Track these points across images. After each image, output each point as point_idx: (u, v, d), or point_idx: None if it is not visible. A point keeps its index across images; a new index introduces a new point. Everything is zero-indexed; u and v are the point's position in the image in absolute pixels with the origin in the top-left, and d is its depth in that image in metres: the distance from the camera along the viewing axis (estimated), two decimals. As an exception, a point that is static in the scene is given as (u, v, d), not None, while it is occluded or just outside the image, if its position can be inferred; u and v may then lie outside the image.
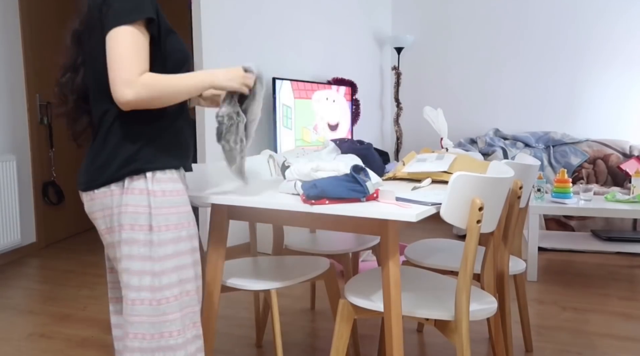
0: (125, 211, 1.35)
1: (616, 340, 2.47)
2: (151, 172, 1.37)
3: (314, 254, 2.32)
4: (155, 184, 1.37)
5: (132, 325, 1.37)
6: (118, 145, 1.36)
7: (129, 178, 1.35)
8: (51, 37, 4.29)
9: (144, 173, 1.36)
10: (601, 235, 4.03)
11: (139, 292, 1.36)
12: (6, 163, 3.73)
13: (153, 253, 1.36)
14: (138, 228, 1.35)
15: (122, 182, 1.35)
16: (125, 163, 1.35)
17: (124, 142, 1.36)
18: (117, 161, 1.35)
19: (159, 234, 1.36)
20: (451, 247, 2.29)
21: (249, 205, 1.58)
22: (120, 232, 1.36)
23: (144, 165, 1.36)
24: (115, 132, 1.36)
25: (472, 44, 5.53)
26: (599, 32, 5.06)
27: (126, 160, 1.35)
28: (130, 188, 1.35)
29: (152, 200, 1.36)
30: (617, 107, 5.07)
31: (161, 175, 1.38)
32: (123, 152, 1.35)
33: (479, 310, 1.59)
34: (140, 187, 1.35)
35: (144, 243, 1.35)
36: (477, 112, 5.58)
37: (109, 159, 1.36)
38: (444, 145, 2.37)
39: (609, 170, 4.78)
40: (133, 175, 1.35)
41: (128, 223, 1.35)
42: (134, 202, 1.35)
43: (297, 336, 2.53)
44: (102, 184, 1.36)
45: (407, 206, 1.46)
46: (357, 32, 5.39)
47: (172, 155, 1.42)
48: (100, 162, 1.37)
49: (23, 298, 3.09)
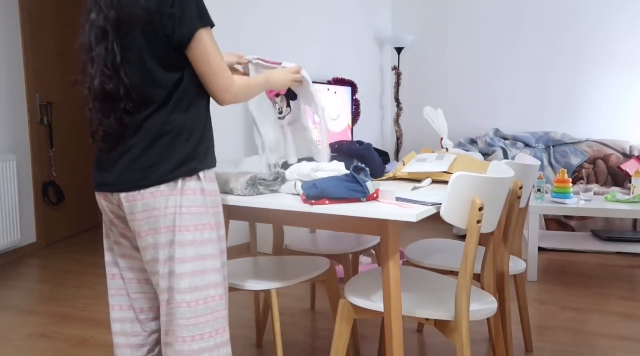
0: (186, 212, 1.35)
1: (616, 340, 2.47)
2: (202, 172, 1.39)
3: (314, 254, 2.32)
4: (207, 183, 1.40)
5: (186, 328, 1.37)
6: (170, 143, 1.35)
7: (182, 179, 1.35)
8: (51, 37, 4.29)
9: (197, 173, 1.38)
10: (601, 235, 4.02)
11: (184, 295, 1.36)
12: (6, 163, 3.73)
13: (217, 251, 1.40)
14: (202, 228, 1.37)
15: (175, 182, 1.35)
16: (181, 163, 1.35)
17: (177, 141, 1.36)
18: (172, 161, 1.35)
19: (211, 233, 1.39)
20: (451, 247, 2.29)
21: (249, 205, 1.58)
22: (167, 234, 1.35)
23: (198, 165, 1.38)
24: (167, 129, 1.35)
25: (472, 44, 5.53)
26: (599, 31, 5.05)
27: (183, 160, 1.36)
28: (185, 188, 1.35)
29: (208, 199, 1.39)
30: (617, 107, 5.07)
31: (209, 174, 1.42)
32: (178, 152, 1.35)
33: (479, 310, 1.59)
34: (193, 187, 1.37)
35: (211, 242, 1.38)
36: (477, 112, 5.58)
37: (160, 159, 1.34)
38: (444, 145, 2.36)
39: (609, 170, 4.78)
40: (187, 175, 1.36)
41: (192, 224, 1.36)
42: (187, 202, 1.35)
43: (297, 336, 2.53)
44: (151, 184, 1.34)
45: (407, 206, 1.46)
46: (357, 32, 5.39)
47: (212, 152, 1.46)
48: (149, 161, 1.34)
49: (23, 298, 3.09)
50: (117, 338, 1.55)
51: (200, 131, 1.40)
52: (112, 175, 1.38)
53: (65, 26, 4.45)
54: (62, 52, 4.41)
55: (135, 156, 1.35)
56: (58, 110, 4.35)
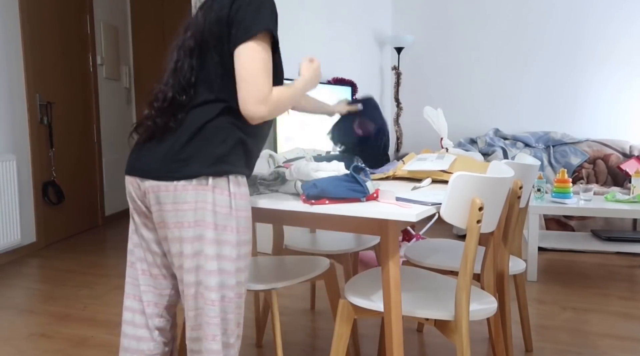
0: (210, 208, 1.37)
1: (616, 340, 2.47)
2: (233, 175, 1.41)
3: (314, 254, 2.32)
4: (236, 187, 1.41)
5: (211, 326, 1.41)
6: (209, 142, 1.38)
7: (213, 177, 1.38)
8: (51, 37, 4.29)
9: (228, 175, 1.40)
10: (601, 235, 4.02)
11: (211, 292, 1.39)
12: (6, 163, 3.73)
13: (233, 253, 1.41)
14: (221, 229, 1.39)
15: (205, 178, 1.37)
16: (214, 162, 1.37)
17: (214, 141, 1.38)
18: (206, 158, 1.37)
19: (241, 235, 1.42)
20: (451, 247, 2.29)
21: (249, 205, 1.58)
22: (195, 229, 1.38)
23: (230, 168, 1.40)
24: (208, 130, 1.39)
25: (472, 44, 5.53)
26: (599, 31, 5.06)
27: (216, 159, 1.37)
28: (215, 187, 1.38)
29: (234, 202, 1.40)
30: (617, 107, 5.07)
31: (240, 180, 1.43)
32: (214, 151, 1.38)
33: (479, 310, 1.59)
34: (223, 187, 1.38)
35: (227, 243, 1.39)
36: (477, 112, 5.58)
37: (195, 154, 1.37)
38: (444, 145, 2.36)
39: (609, 170, 4.78)
40: (217, 176, 1.38)
41: (215, 223, 1.38)
42: (219, 201, 1.38)
43: (297, 336, 2.53)
44: (184, 177, 1.37)
45: (407, 206, 1.46)
46: (357, 32, 5.39)
47: (248, 162, 1.48)
48: (185, 155, 1.37)
49: (23, 298, 3.09)
50: (126, 327, 1.56)
51: (240, 136, 1.42)
52: (148, 162, 1.41)
53: (65, 26, 4.45)
54: (62, 52, 4.41)
55: (174, 148, 1.38)
56: (58, 110, 4.35)
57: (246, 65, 1.35)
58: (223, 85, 1.42)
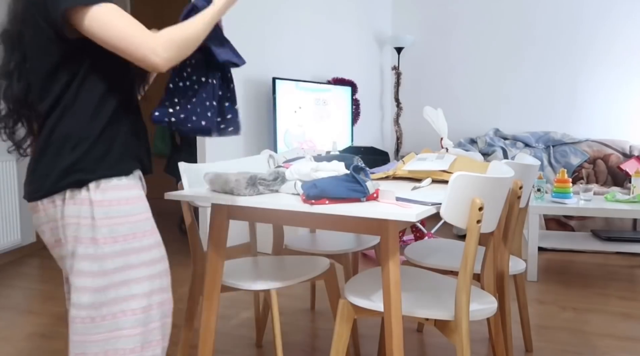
0: (68, 223, 1.26)
1: (616, 340, 2.47)
2: (94, 182, 1.25)
3: (314, 254, 2.32)
4: (99, 194, 1.25)
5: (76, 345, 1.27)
6: (57, 153, 1.25)
7: (70, 190, 1.25)
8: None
9: (87, 184, 1.25)
10: (601, 235, 4.02)
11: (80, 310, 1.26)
12: (6, 163, 3.73)
13: (97, 268, 1.25)
14: (81, 241, 1.26)
15: (63, 193, 1.26)
16: (64, 175, 1.24)
17: (62, 150, 1.25)
18: (57, 171, 1.25)
19: (104, 247, 1.25)
20: (451, 247, 2.29)
21: (249, 205, 1.58)
22: (66, 245, 1.28)
23: (86, 176, 1.25)
24: (54, 138, 1.25)
25: (472, 44, 5.53)
26: (599, 32, 5.06)
27: (65, 171, 1.24)
28: (71, 199, 1.25)
29: (96, 210, 1.25)
30: (617, 107, 5.07)
31: (106, 184, 1.26)
32: (62, 162, 1.24)
33: (479, 310, 1.59)
34: (81, 198, 1.25)
35: (87, 257, 1.25)
36: (477, 112, 5.58)
37: (49, 169, 1.26)
38: (444, 145, 2.37)
39: (609, 170, 4.78)
40: (74, 187, 1.25)
41: (72, 236, 1.26)
42: (75, 213, 1.25)
43: (297, 336, 2.53)
44: (44, 195, 1.28)
45: (407, 206, 1.46)
46: (357, 32, 5.39)
47: (119, 159, 1.29)
48: (41, 171, 1.27)
49: (23, 298, 3.09)
50: None
51: (92, 139, 1.26)
52: (25, 183, 1.35)
53: None
54: None
55: (33, 164, 1.30)
56: (58, 110, 4.35)
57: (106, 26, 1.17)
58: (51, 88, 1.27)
